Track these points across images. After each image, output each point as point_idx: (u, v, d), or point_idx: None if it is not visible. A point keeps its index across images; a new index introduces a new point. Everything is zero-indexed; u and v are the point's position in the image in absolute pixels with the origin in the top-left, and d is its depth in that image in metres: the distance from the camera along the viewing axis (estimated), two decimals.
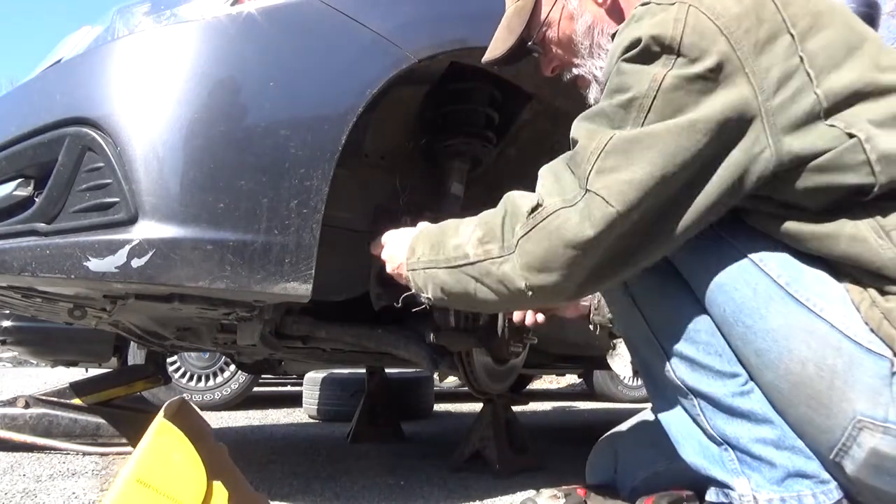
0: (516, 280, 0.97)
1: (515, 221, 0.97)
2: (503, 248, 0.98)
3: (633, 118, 0.91)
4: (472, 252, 1.02)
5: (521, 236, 0.95)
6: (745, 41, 0.88)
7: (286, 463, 2.18)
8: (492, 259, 0.99)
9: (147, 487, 0.92)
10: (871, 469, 0.89)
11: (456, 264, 1.04)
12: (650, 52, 0.91)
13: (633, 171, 0.89)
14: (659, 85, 0.89)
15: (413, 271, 1.13)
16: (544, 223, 0.93)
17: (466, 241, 1.03)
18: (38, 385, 5.21)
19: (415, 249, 1.14)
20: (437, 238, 1.11)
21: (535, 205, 0.95)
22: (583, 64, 1.20)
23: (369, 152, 1.68)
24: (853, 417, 0.87)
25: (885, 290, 0.87)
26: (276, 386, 6.06)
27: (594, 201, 0.90)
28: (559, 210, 0.92)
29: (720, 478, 1.01)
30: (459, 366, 1.71)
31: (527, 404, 4.86)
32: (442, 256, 1.07)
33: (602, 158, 0.90)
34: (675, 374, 1.03)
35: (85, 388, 2.45)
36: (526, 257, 0.95)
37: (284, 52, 1.36)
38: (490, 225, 1.01)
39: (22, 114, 1.40)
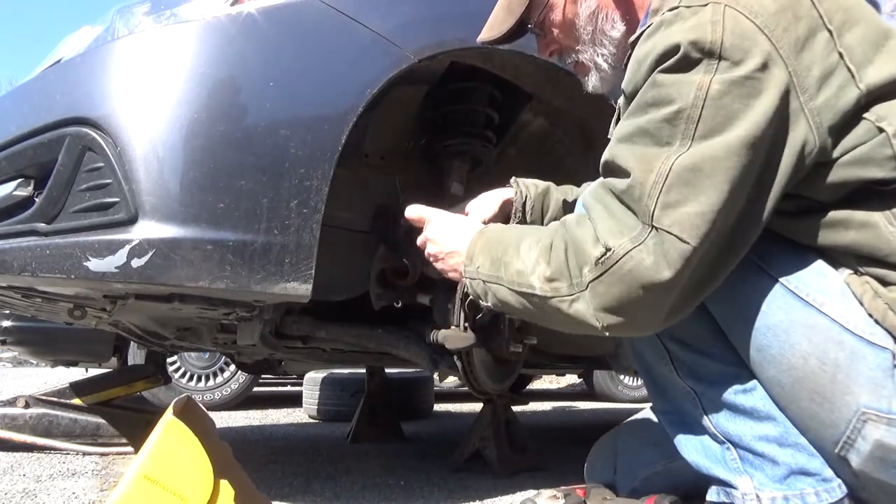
0: (590, 319, 0.93)
1: (582, 262, 0.92)
2: (572, 287, 0.94)
3: (682, 132, 0.87)
4: (539, 286, 0.98)
5: (592, 280, 0.91)
6: (785, 39, 0.87)
7: (286, 463, 2.18)
8: (560, 297, 0.95)
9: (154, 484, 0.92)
10: (876, 461, 0.89)
11: (521, 291, 1.01)
12: (689, 58, 0.87)
13: (701, 202, 0.85)
14: (706, 94, 0.85)
15: (472, 280, 1.11)
16: (616, 267, 0.89)
17: (530, 270, 0.99)
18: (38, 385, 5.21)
19: (473, 258, 1.11)
20: (498, 253, 1.07)
21: (603, 250, 0.90)
22: (584, 50, 1.16)
23: (369, 152, 1.68)
24: (857, 410, 0.87)
25: (887, 279, 0.88)
26: (276, 386, 6.05)
27: (667, 240, 0.86)
28: (630, 252, 0.88)
29: (722, 477, 1.01)
30: (459, 366, 1.71)
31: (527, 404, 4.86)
32: (504, 276, 1.04)
33: (665, 193, 0.86)
34: (676, 372, 1.03)
35: (85, 388, 2.45)
36: (599, 300, 0.91)
37: (284, 52, 1.36)
38: (555, 261, 0.96)
39: (22, 114, 1.40)
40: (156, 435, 0.96)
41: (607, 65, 1.14)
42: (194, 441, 0.96)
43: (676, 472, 1.17)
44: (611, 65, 1.14)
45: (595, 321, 0.93)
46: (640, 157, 0.89)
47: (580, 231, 0.94)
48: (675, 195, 0.86)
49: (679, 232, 0.85)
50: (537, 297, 0.98)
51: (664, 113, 0.88)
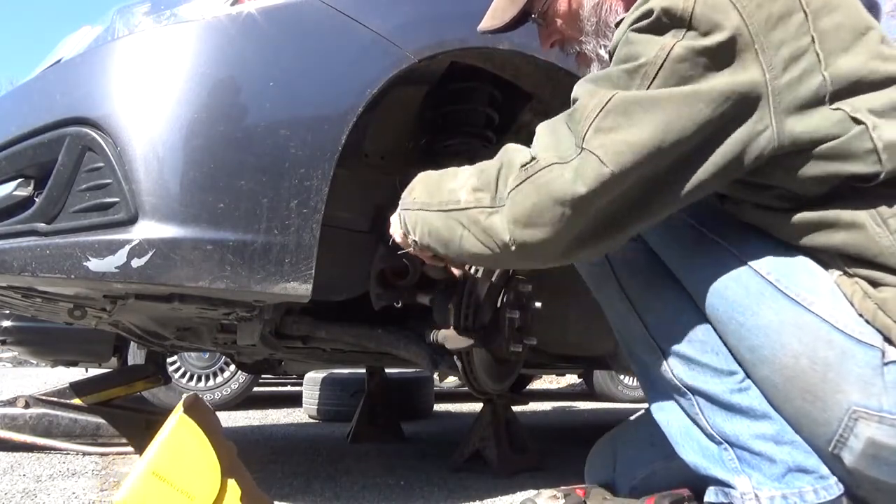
0: (502, 232, 0.95)
1: (509, 173, 0.95)
2: (494, 199, 0.96)
3: (638, 84, 0.89)
4: (464, 198, 1.00)
5: (513, 188, 0.93)
6: (757, 15, 0.87)
7: (286, 463, 2.18)
8: (481, 208, 0.97)
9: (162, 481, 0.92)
10: (869, 459, 0.89)
11: (447, 208, 1.02)
12: (660, 23, 0.89)
13: (632, 132, 0.87)
14: (667, 54, 0.87)
15: (406, 211, 1.11)
16: (536, 176, 0.91)
17: (461, 186, 1.02)
18: (38, 385, 5.21)
19: (412, 190, 1.12)
20: (436, 182, 1.09)
21: (529, 158, 0.93)
22: (587, 41, 1.16)
23: (369, 152, 1.68)
24: (848, 408, 0.88)
25: (876, 280, 0.88)
26: (276, 386, 6.05)
27: (589, 160, 0.88)
28: (552, 165, 0.90)
29: (721, 476, 1.01)
30: (459, 366, 1.71)
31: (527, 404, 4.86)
32: (436, 200, 1.06)
33: (601, 117, 0.88)
34: (672, 373, 1.03)
35: (85, 388, 2.45)
36: (514, 209, 0.93)
37: (284, 52, 1.36)
38: (486, 174, 0.99)
39: (22, 114, 1.40)
40: (166, 431, 0.96)
41: (609, 56, 1.11)
42: (203, 439, 0.96)
43: (676, 471, 1.17)
44: None
45: (506, 234, 0.94)
46: (589, 92, 0.92)
47: (516, 153, 0.97)
48: (610, 121, 0.88)
49: (602, 154, 0.87)
50: (459, 211, 1.00)
51: (627, 66, 0.90)
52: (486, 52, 1.56)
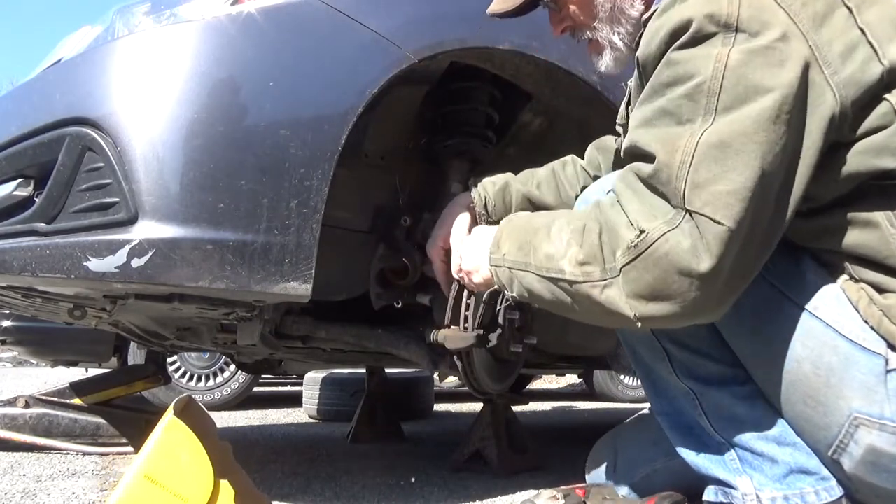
0: (621, 307, 0.88)
1: (615, 245, 0.87)
2: (605, 272, 0.88)
3: (704, 106, 0.83)
4: (569, 270, 0.92)
5: (626, 264, 0.86)
6: (803, 14, 0.84)
7: (286, 463, 2.18)
8: (592, 282, 0.89)
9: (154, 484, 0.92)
10: (868, 466, 0.89)
11: (549, 276, 0.95)
12: (704, 31, 0.84)
13: (733, 179, 0.81)
14: (725, 65, 0.82)
15: (497, 267, 1.05)
16: (650, 251, 0.84)
17: (561, 253, 0.93)
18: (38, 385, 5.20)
19: (500, 244, 1.05)
20: (526, 238, 1.01)
21: (637, 232, 0.85)
22: (600, 28, 1.12)
23: (369, 152, 1.68)
24: (849, 415, 0.87)
25: (882, 286, 0.87)
26: (276, 386, 6.05)
27: (701, 223, 0.81)
28: (665, 234, 0.83)
29: (722, 477, 1.01)
30: (459, 366, 1.71)
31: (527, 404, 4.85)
32: (532, 262, 0.98)
33: (693, 171, 0.82)
34: (675, 373, 1.03)
35: (85, 388, 2.45)
36: (633, 286, 0.86)
37: (284, 52, 1.36)
38: (588, 243, 0.90)
39: (22, 114, 1.40)
40: (156, 435, 0.96)
41: (623, 44, 1.11)
42: (195, 441, 0.96)
43: (676, 470, 1.17)
44: (626, 44, 1.10)
45: (627, 309, 0.87)
46: (662, 139, 0.85)
47: (614, 213, 0.89)
48: (705, 173, 0.82)
49: (712, 213, 0.81)
50: (567, 283, 0.92)
51: (683, 89, 0.84)
52: (486, 52, 1.56)
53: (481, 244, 1.12)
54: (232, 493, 0.96)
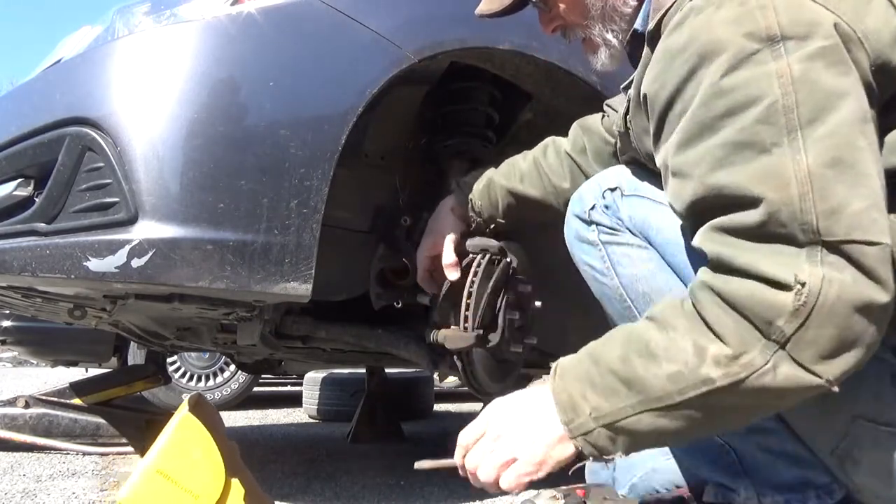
0: (808, 379, 0.75)
1: (769, 315, 0.74)
2: (765, 352, 0.75)
3: (786, 125, 0.75)
4: (720, 373, 0.76)
5: (795, 331, 0.73)
6: (843, 6, 0.79)
7: (286, 463, 2.18)
8: (759, 372, 0.75)
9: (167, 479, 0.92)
10: (871, 471, 0.88)
11: (685, 398, 0.78)
12: (747, 52, 0.77)
13: (863, 193, 0.74)
14: (790, 78, 0.75)
15: (586, 435, 0.83)
16: (820, 302, 0.72)
17: (695, 363, 0.77)
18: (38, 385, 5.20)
19: (576, 407, 0.83)
20: (613, 378, 0.82)
21: (798, 288, 0.73)
22: (592, 26, 1.07)
23: (369, 152, 1.68)
24: (852, 420, 0.86)
25: None
26: (276, 386, 6.05)
27: (852, 251, 0.73)
28: (825, 277, 0.72)
29: (722, 479, 1.01)
30: (459, 366, 1.71)
31: None
32: (647, 396, 0.79)
33: (820, 199, 0.73)
34: None
35: (85, 388, 2.45)
36: (814, 348, 0.74)
37: (284, 52, 1.36)
38: (729, 332, 0.76)
39: (22, 114, 1.40)
40: (170, 430, 0.96)
41: (618, 41, 1.07)
42: (208, 438, 0.96)
43: (676, 470, 1.17)
44: (621, 41, 1.07)
45: (815, 378, 0.75)
46: (760, 176, 0.75)
47: (737, 285, 0.76)
48: (834, 198, 0.73)
49: (863, 235, 0.73)
50: (721, 391, 0.76)
51: (754, 115, 0.76)
52: (486, 52, 1.56)
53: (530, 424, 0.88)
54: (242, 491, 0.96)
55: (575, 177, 1.32)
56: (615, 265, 1.07)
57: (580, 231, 1.13)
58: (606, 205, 1.11)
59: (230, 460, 1.01)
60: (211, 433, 0.98)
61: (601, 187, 1.13)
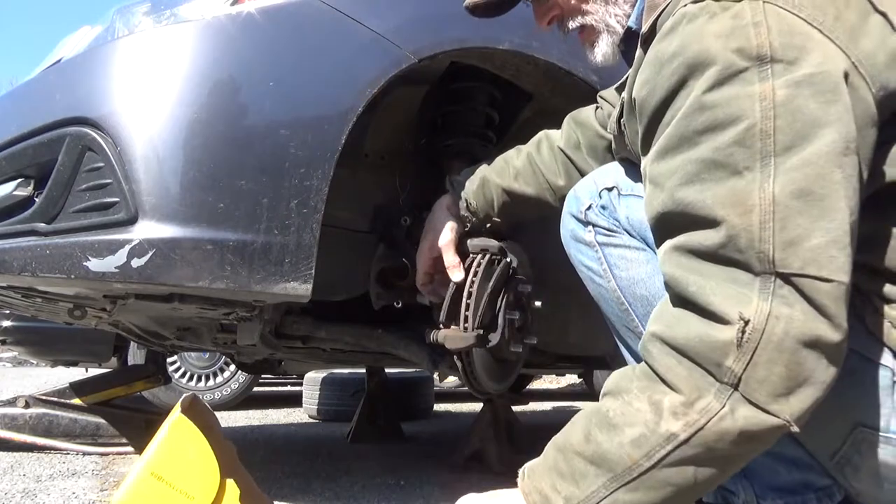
0: (767, 420, 0.73)
1: (717, 357, 0.73)
2: (721, 394, 0.73)
3: (760, 150, 0.74)
4: (680, 425, 0.74)
5: (745, 368, 0.72)
6: (838, 28, 0.77)
7: (286, 463, 2.18)
8: (718, 416, 0.73)
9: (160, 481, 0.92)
10: (871, 477, 0.88)
11: (653, 462, 0.75)
12: (736, 68, 0.75)
13: (826, 227, 0.72)
14: (772, 103, 0.74)
15: None
16: (765, 337, 0.71)
17: (653, 420, 0.75)
18: (38, 385, 5.20)
19: (550, 501, 0.82)
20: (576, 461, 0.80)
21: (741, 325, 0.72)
22: (594, 10, 1.03)
23: (369, 152, 1.68)
24: (854, 427, 0.85)
25: (889, 297, 0.84)
26: (276, 386, 6.05)
27: (804, 284, 0.71)
28: (771, 312, 0.71)
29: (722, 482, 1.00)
30: (459, 366, 1.71)
31: (527, 404, 4.86)
32: (611, 472, 0.77)
33: (781, 229, 0.72)
34: None
35: (85, 388, 2.45)
36: (767, 387, 0.72)
37: (284, 52, 1.36)
38: (679, 379, 0.75)
39: (22, 113, 1.40)
40: (164, 432, 0.96)
41: (620, 26, 1.03)
42: (202, 439, 0.96)
43: None
44: (624, 27, 1.03)
45: (774, 419, 0.73)
46: (725, 199, 0.74)
47: (685, 327, 0.75)
48: (794, 230, 0.72)
49: (817, 271, 0.71)
50: (684, 444, 0.74)
51: (730, 136, 0.75)
52: (486, 52, 1.56)
53: None
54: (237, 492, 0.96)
55: (570, 173, 1.31)
56: (612, 267, 1.06)
57: (576, 231, 1.12)
58: (603, 205, 1.10)
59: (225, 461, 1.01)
60: (205, 434, 0.98)
61: (598, 186, 1.11)
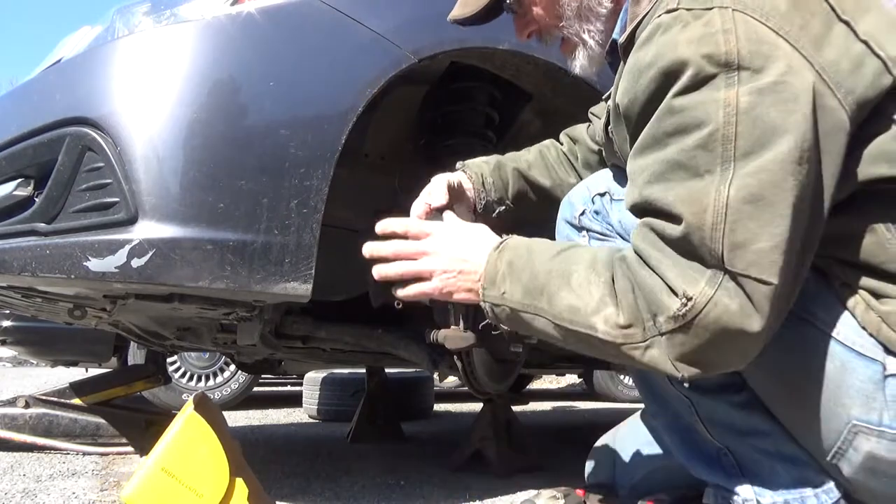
0: (667, 368, 0.83)
1: (656, 310, 0.81)
2: (645, 333, 0.83)
3: (721, 155, 0.78)
4: (604, 329, 0.85)
5: (670, 330, 0.81)
6: (803, 38, 0.80)
7: (286, 463, 2.18)
8: (633, 344, 0.84)
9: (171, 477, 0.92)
10: (867, 471, 0.88)
11: (574, 328, 0.88)
12: (704, 74, 0.79)
13: (773, 234, 0.77)
14: (735, 109, 0.77)
15: (494, 305, 0.95)
16: (700, 317, 0.78)
17: (592, 309, 0.85)
18: (38, 385, 5.20)
19: (496, 282, 0.94)
20: (534, 282, 0.91)
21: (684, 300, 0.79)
22: (568, 26, 1.07)
23: (369, 152, 1.68)
24: (848, 422, 0.86)
25: (879, 292, 0.86)
26: (276, 386, 6.06)
27: (747, 284, 0.77)
28: (712, 299, 0.78)
29: (721, 482, 1.01)
30: (459, 366, 1.71)
31: (527, 404, 4.86)
32: (547, 308, 0.90)
33: (730, 231, 0.77)
34: (671, 380, 1.02)
35: (85, 388, 2.45)
36: (679, 349, 0.81)
37: (284, 52, 1.36)
38: (626, 304, 0.84)
39: (22, 113, 1.40)
40: (175, 428, 0.96)
41: (595, 42, 1.06)
42: (213, 437, 0.96)
43: (675, 470, 1.17)
44: (598, 42, 1.06)
45: (673, 370, 0.83)
46: (686, 198, 0.79)
47: (646, 275, 0.83)
48: (743, 233, 0.77)
49: (758, 273, 0.77)
50: (598, 339, 0.86)
51: (695, 139, 0.79)
52: (486, 52, 1.56)
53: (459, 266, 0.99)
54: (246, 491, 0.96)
55: (577, 175, 1.32)
56: None
57: (571, 236, 1.14)
58: (596, 210, 1.12)
59: (234, 459, 1.00)
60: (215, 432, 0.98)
61: (590, 192, 1.13)
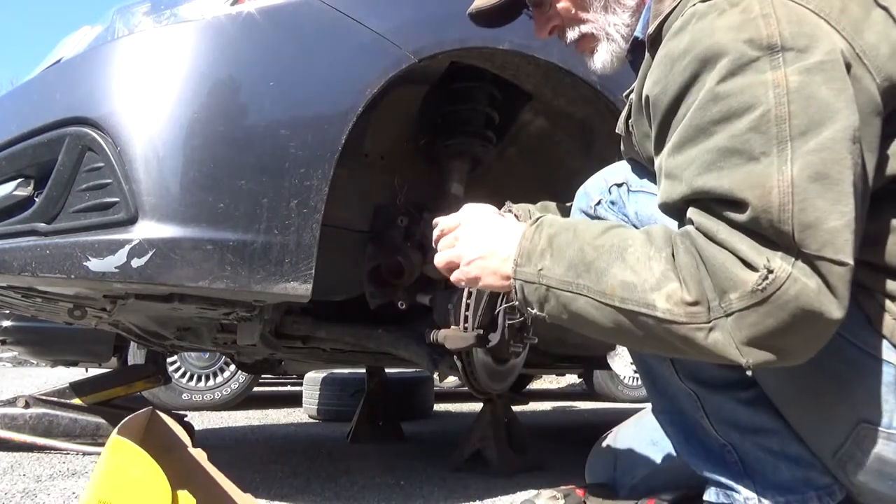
0: (731, 353, 0.78)
1: (727, 286, 0.76)
2: (710, 313, 0.77)
3: (776, 136, 0.75)
4: (665, 307, 0.79)
5: (742, 308, 0.75)
6: (843, 20, 0.79)
7: (286, 463, 2.17)
8: (697, 325, 0.78)
9: None
10: (874, 473, 0.88)
11: (625, 307, 0.81)
12: (747, 58, 0.77)
13: (843, 212, 0.74)
14: (786, 89, 0.76)
15: (526, 282, 0.89)
16: (778, 294, 0.74)
17: (651, 285, 0.80)
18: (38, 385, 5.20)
19: (532, 257, 0.89)
20: (581, 256, 0.85)
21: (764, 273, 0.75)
22: (594, 19, 1.04)
23: (369, 152, 1.68)
24: (856, 423, 0.86)
25: (892, 294, 0.85)
26: (276, 386, 6.05)
27: (821, 265, 0.74)
28: (792, 275, 0.74)
29: (723, 479, 1.00)
30: (459, 366, 1.71)
31: (527, 404, 4.86)
32: (592, 286, 0.83)
33: (800, 211, 0.74)
34: (678, 375, 1.02)
35: (85, 388, 2.45)
36: (749, 331, 0.76)
37: (284, 52, 1.36)
38: (693, 280, 0.78)
39: (22, 113, 1.40)
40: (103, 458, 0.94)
41: (620, 36, 1.04)
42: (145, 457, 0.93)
43: (676, 470, 1.17)
44: (623, 37, 1.04)
45: (738, 356, 0.78)
46: (747, 182, 0.76)
47: (715, 250, 0.78)
48: (813, 212, 0.74)
49: (833, 254, 0.74)
50: (654, 319, 0.79)
51: (746, 123, 0.77)
52: (486, 52, 1.56)
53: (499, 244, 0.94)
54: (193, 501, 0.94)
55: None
56: None
57: None
58: (612, 200, 1.11)
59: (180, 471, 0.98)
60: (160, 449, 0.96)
61: (607, 182, 1.12)
